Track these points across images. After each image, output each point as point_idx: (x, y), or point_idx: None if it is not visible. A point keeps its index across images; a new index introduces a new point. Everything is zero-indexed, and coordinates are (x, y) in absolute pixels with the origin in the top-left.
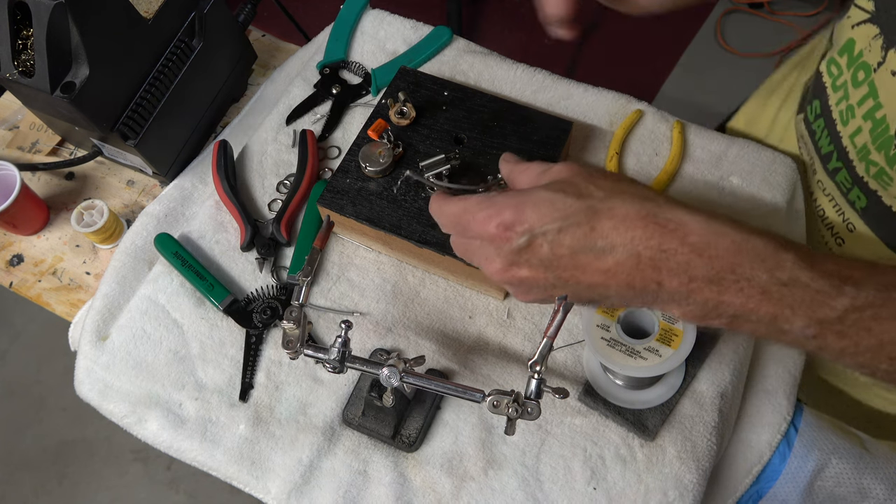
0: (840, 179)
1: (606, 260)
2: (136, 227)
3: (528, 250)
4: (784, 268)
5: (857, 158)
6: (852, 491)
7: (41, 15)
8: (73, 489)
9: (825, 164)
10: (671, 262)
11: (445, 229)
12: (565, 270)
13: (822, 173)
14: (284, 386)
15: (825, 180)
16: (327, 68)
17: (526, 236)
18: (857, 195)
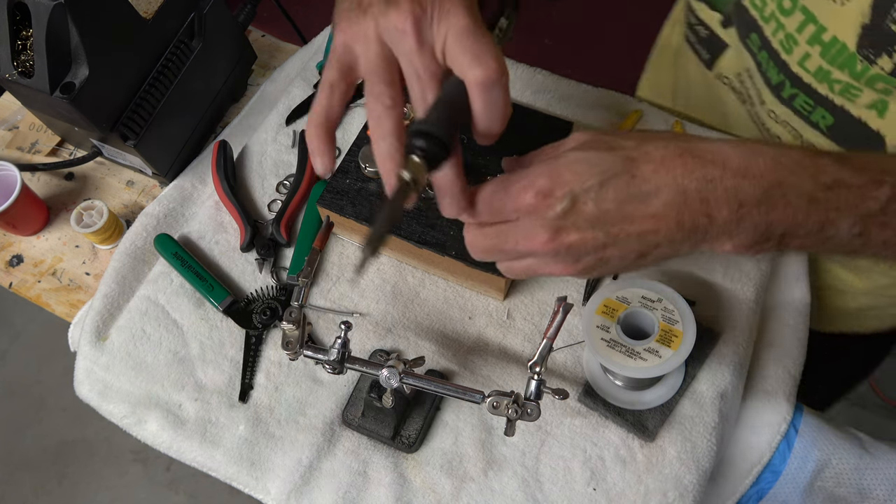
0: (798, 105)
1: (653, 203)
2: (136, 227)
3: (572, 212)
4: (826, 171)
5: (815, 81)
6: (852, 491)
7: (41, 15)
8: (73, 489)
9: (778, 93)
10: (718, 191)
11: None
12: (614, 225)
13: (775, 103)
14: (284, 387)
15: (778, 109)
16: None
17: (568, 198)
18: (822, 115)
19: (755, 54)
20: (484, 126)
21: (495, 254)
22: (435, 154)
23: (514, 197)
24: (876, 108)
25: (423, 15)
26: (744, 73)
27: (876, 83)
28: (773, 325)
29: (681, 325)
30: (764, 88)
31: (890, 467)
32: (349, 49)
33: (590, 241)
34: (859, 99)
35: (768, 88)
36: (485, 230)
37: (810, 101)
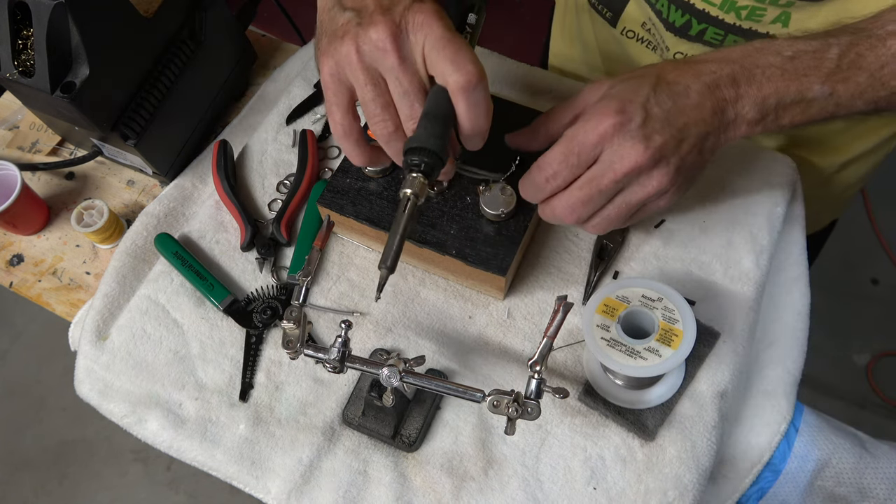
0: (709, 38)
1: (691, 96)
2: (136, 227)
3: (649, 119)
4: (784, 46)
5: (721, 13)
6: (852, 491)
7: (41, 15)
8: (73, 489)
9: (685, 33)
10: (722, 78)
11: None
12: (677, 118)
13: (682, 43)
14: (284, 386)
15: (686, 47)
16: None
17: (640, 109)
18: (733, 40)
19: (653, 4)
20: (469, 127)
21: (598, 198)
22: (432, 166)
23: (594, 128)
24: (780, 20)
25: (398, 30)
26: (648, 22)
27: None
28: (773, 325)
29: (681, 324)
30: (667, 34)
31: (890, 467)
32: (338, 76)
33: (671, 140)
34: (765, 17)
35: (672, 33)
36: (571, 190)
37: (720, 31)
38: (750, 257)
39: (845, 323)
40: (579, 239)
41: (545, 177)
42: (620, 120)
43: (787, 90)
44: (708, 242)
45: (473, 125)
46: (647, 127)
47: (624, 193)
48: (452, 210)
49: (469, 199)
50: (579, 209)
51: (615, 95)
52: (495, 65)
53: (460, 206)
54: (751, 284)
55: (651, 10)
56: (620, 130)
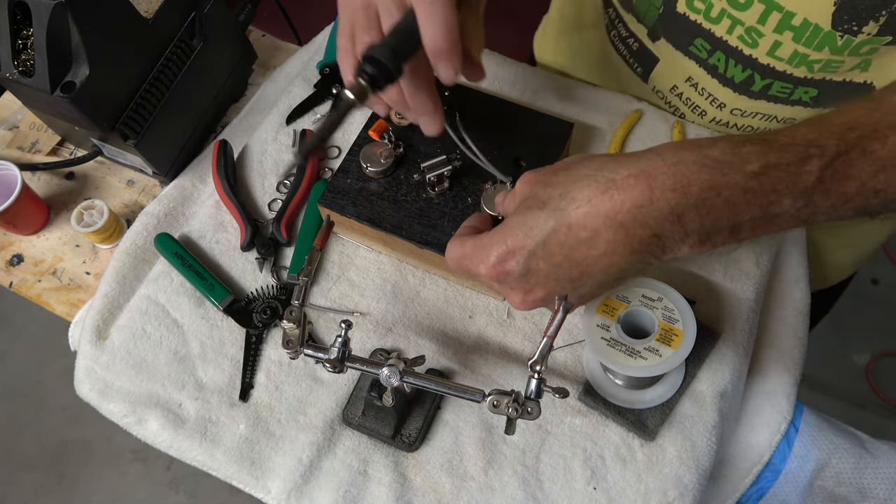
0: (775, 92)
1: (598, 245)
2: (136, 226)
3: (531, 273)
4: (750, 160)
5: (790, 67)
6: (852, 491)
7: (41, 15)
8: (73, 489)
9: (746, 89)
10: (653, 213)
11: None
12: (572, 271)
13: (741, 100)
14: (284, 386)
15: (746, 104)
16: (327, 68)
17: (521, 262)
18: (804, 91)
19: (703, 60)
20: (427, 41)
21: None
22: (377, 78)
23: (477, 267)
24: (859, 67)
25: None
26: (681, 85)
27: (861, 48)
28: (773, 325)
29: (681, 324)
30: (723, 90)
31: (890, 467)
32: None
33: (558, 290)
34: (841, 68)
35: (730, 88)
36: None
37: (788, 84)
38: (750, 257)
39: (845, 323)
40: None
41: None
42: (500, 271)
43: (748, 210)
44: None
45: (430, 40)
46: (527, 281)
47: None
48: (454, 211)
49: (470, 199)
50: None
51: (508, 231)
52: (495, 65)
53: (461, 207)
54: (751, 284)
55: (698, 67)
56: (499, 279)
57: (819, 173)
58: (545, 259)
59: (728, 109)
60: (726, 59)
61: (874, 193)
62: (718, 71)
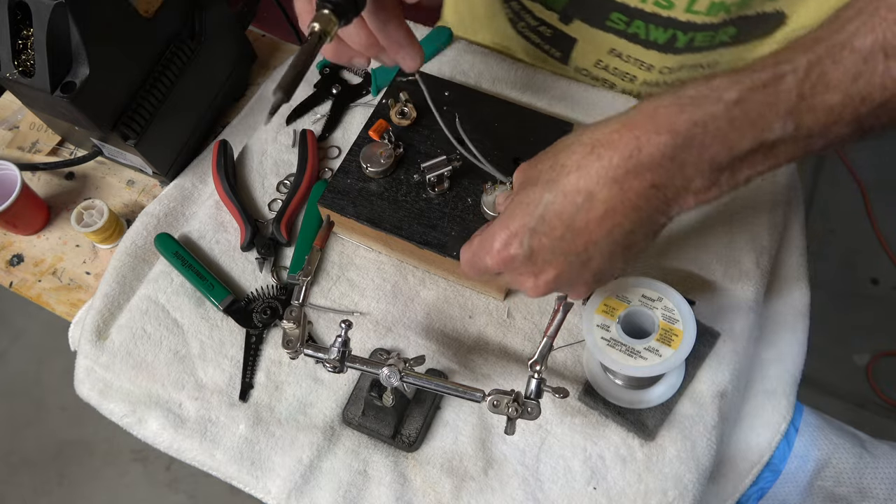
0: (699, 43)
1: (596, 206)
2: (136, 226)
3: (536, 252)
4: (726, 89)
5: (709, 17)
6: (852, 491)
7: (41, 15)
8: (73, 489)
9: (671, 48)
10: (644, 162)
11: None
12: (576, 242)
13: (668, 59)
14: (284, 386)
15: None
16: (327, 68)
17: (525, 243)
18: (724, 33)
19: (622, 31)
20: None
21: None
22: (340, 5)
23: (484, 260)
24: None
25: None
26: (605, 58)
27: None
28: (772, 324)
29: (681, 324)
30: (646, 52)
31: (890, 467)
32: None
33: (565, 267)
34: (754, 2)
35: (656, 50)
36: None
37: (710, 33)
38: (750, 257)
39: (845, 323)
40: None
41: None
42: (506, 257)
43: (740, 141)
44: (708, 242)
45: None
46: (534, 261)
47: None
48: (453, 211)
49: (470, 200)
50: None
51: (507, 217)
52: (496, 64)
53: (461, 208)
54: (751, 284)
55: (619, 39)
56: (508, 266)
57: (798, 89)
58: (547, 234)
59: (657, 70)
60: (646, 25)
61: (861, 101)
62: (640, 37)
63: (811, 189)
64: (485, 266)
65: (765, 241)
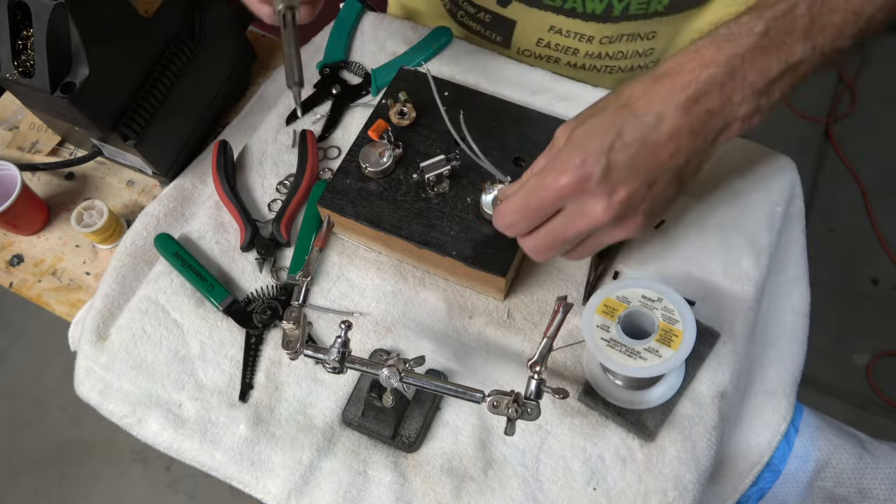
0: (634, 10)
1: (664, 127)
2: (136, 227)
3: (611, 170)
4: (753, 24)
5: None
6: (852, 491)
7: (41, 15)
8: (73, 489)
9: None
10: (701, 87)
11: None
12: (647, 161)
13: (606, 28)
14: (284, 386)
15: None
16: (327, 68)
17: (602, 160)
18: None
19: (560, 7)
20: None
21: (560, 248)
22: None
23: (551, 186)
24: None
25: None
26: (546, 36)
27: None
28: (772, 324)
29: (681, 324)
30: (585, 25)
31: (890, 467)
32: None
33: (638, 188)
34: None
35: (594, 21)
36: (536, 236)
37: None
38: (750, 257)
39: (845, 323)
40: None
41: (504, 225)
42: (579, 176)
43: (771, 66)
44: (708, 242)
45: None
46: (608, 181)
47: (592, 238)
48: (453, 211)
49: (469, 199)
50: (544, 253)
51: (577, 142)
52: (496, 64)
53: (460, 207)
54: (750, 284)
55: (556, 16)
56: (580, 188)
57: (809, 14)
58: (623, 150)
59: (597, 41)
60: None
61: (855, 16)
62: (578, 11)
63: (811, 189)
64: (549, 193)
65: (765, 241)
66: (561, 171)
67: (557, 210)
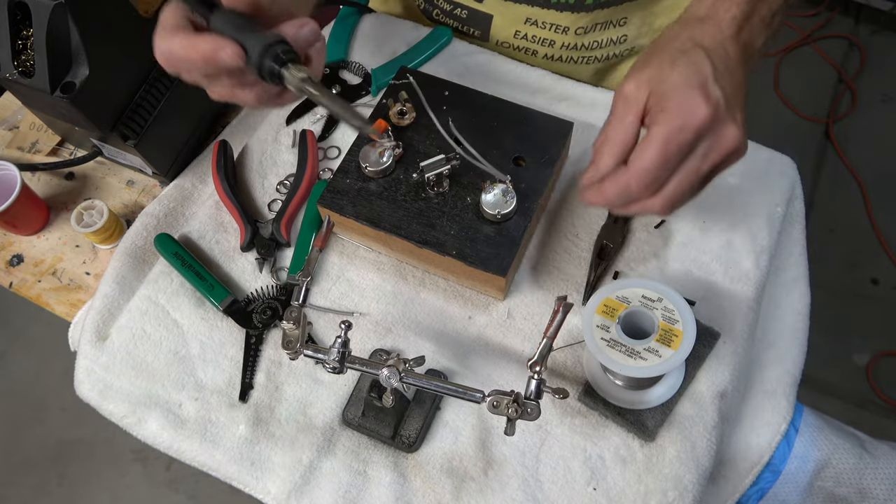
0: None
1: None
2: (136, 227)
3: (726, 96)
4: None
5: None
6: (852, 491)
7: (41, 15)
8: (73, 489)
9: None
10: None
11: (659, 183)
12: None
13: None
14: (284, 386)
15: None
16: (327, 68)
17: (716, 89)
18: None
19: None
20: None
21: (697, 186)
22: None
23: (692, 124)
24: None
25: None
26: (523, 28)
27: None
28: (772, 324)
29: (681, 324)
30: (560, 15)
31: (890, 467)
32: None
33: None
34: None
35: (568, 11)
36: (672, 183)
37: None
38: (750, 257)
39: (845, 323)
40: (579, 239)
41: (643, 185)
42: (712, 107)
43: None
44: (708, 243)
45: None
46: (730, 105)
47: (716, 169)
48: (452, 210)
49: (469, 199)
50: (679, 201)
51: (682, 82)
52: (496, 64)
53: (460, 207)
54: (751, 285)
55: (530, 8)
56: (715, 117)
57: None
58: (722, 78)
59: (572, 31)
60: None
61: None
62: (552, 1)
63: (811, 189)
64: (695, 125)
65: (765, 241)
66: (695, 107)
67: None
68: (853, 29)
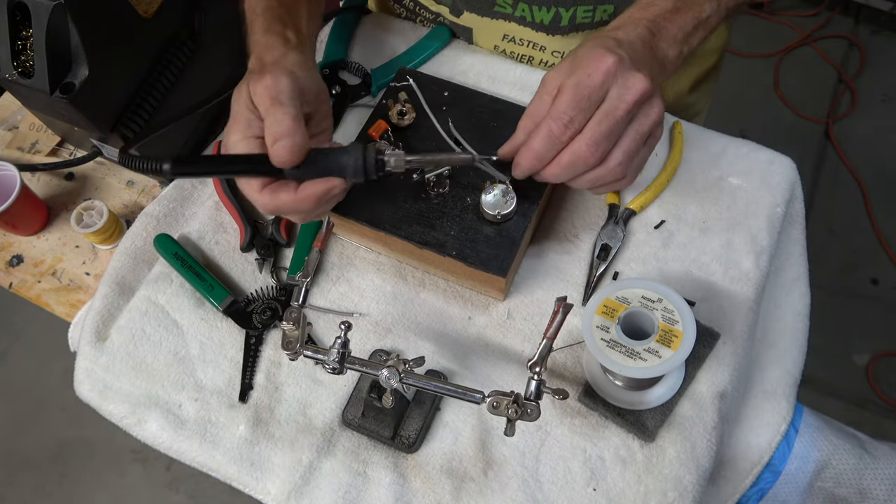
0: (580, 18)
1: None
2: (136, 227)
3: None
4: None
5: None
6: (852, 491)
7: (41, 15)
8: (73, 489)
9: (556, 28)
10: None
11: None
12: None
13: (556, 41)
14: (284, 387)
15: (560, 44)
16: (327, 69)
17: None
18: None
19: (510, 15)
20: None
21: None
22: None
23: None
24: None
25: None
26: (501, 44)
27: None
28: (772, 325)
29: (681, 325)
30: (536, 35)
31: (890, 467)
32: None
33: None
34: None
35: (543, 32)
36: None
37: (589, 7)
38: (750, 258)
39: (845, 323)
40: (579, 240)
41: (562, 125)
42: (617, 57)
43: (687, 21)
44: (708, 243)
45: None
46: (636, 63)
47: (634, 124)
48: (452, 211)
49: (469, 200)
50: (603, 143)
51: (589, 50)
52: (495, 64)
53: (460, 208)
54: (750, 285)
55: (508, 24)
56: (620, 66)
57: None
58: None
59: (549, 51)
60: (529, 7)
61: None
62: (527, 20)
63: (811, 189)
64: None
65: (764, 241)
66: (600, 58)
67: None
68: (853, 29)
